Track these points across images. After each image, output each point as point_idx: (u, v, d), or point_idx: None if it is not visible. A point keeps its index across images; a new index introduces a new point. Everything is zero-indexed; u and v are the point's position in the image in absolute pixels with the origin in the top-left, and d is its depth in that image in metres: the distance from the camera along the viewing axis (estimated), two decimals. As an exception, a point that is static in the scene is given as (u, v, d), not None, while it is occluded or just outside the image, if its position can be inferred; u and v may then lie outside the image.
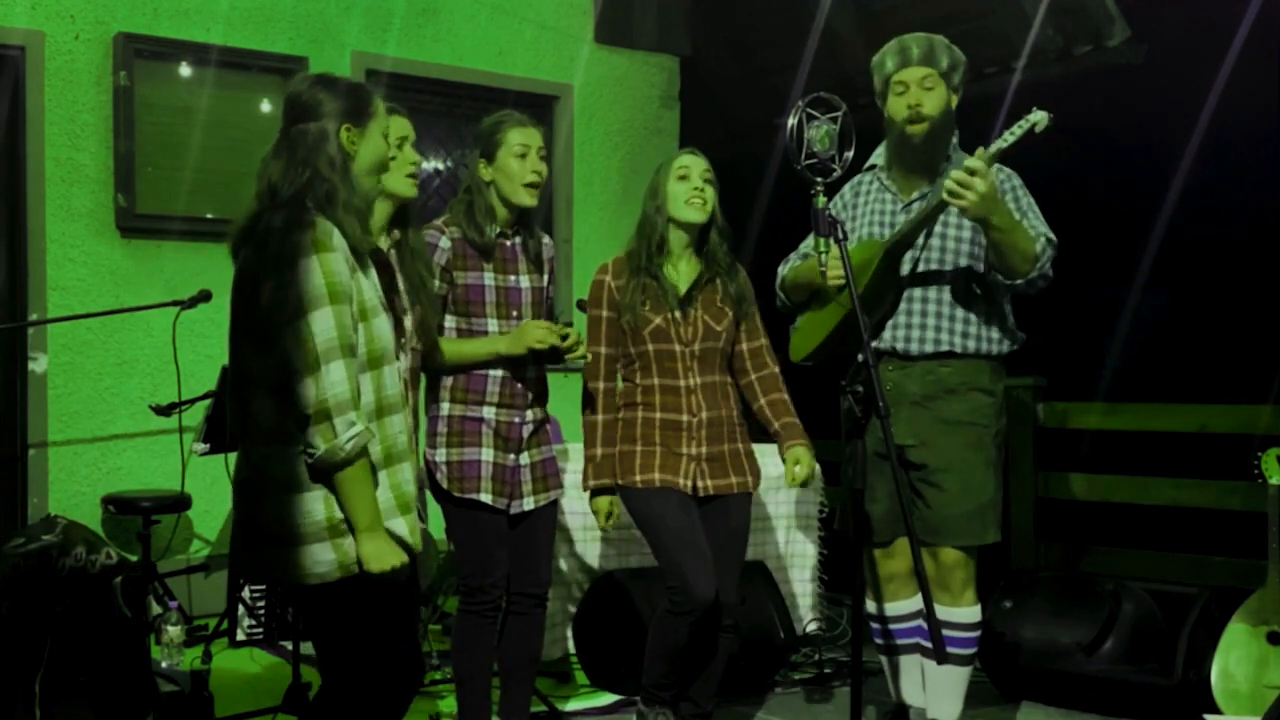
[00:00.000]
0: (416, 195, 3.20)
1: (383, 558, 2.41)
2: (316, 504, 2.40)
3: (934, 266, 3.48)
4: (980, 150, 3.23)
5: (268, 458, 2.43)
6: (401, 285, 3.08)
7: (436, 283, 3.32)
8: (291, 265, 2.36)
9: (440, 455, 3.34)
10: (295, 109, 2.53)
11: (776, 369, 3.57)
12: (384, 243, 3.12)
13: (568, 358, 3.34)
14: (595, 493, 3.46)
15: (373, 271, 2.58)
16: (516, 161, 3.34)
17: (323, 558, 2.40)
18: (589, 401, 3.47)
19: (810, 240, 3.69)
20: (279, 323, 2.37)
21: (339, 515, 2.41)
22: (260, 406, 2.44)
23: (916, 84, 3.44)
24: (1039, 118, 3.19)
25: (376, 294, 2.55)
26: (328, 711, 2.57)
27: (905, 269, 3.48)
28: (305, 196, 2.44)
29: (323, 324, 2.36)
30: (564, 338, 3.30)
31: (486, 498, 3.32)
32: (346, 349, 2.39)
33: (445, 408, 3.35)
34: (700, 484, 3.41)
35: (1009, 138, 3.20)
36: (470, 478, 3.31)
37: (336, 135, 2.50)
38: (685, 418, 3.41)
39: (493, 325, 3.36)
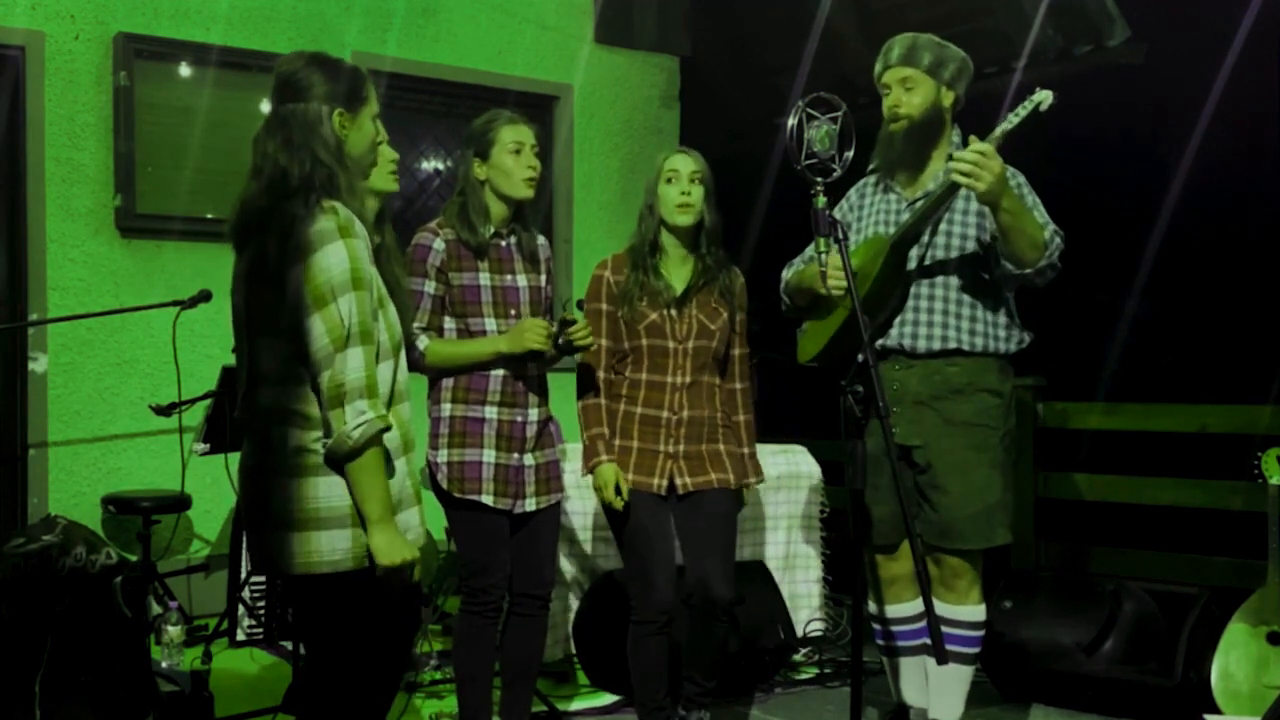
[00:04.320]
0: (397, 189, 3.22)
1: (393, 551, 2.38)
2: (339, 488, 2.38)
3: (940, 262, 3.48)
4: (974, 139, 3.24)
5: (285, 442, 2.40)
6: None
7: (433, 284, 3.33)
8: (318, 251, 2.35)
9: (441, 456, 3.33)
10: (287, 88, 2.49)
11: (749, 384, 3.63)
12: None
13: (576, 342, 3.32)
14: (597, 466, 3.44)
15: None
16: (511, 158, 3.35)
17: (339, 545, 2.38)
18: (588, 386, 3.48)
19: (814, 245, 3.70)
20: (305, 309, 2.35)
21: None
22: (276, 392, 2.42)
23: (897, 84, 3.49)
24: (1043, 96, 3.23)
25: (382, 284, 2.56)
26: (317, 706, 2.56)
27: (911, 265, 3.49)
28: (312, 181, 2.42)
29: (346, 309, 2.34)
30: (571, 324, 3.29)
31: (488, 499, 3.32)
32: (367, 335, 2.38)
33: (446, 408, 3.35)
34: (679, 481, 3.44)
35: (1014, 119, 3.24)
36: (471, 479, 3.31)
37: (329, 119, 2.47)
38: (665, 414, 3.43)
39: (490, 325, 3.35)
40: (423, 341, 3.30)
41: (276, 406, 2.42)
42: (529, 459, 3.38)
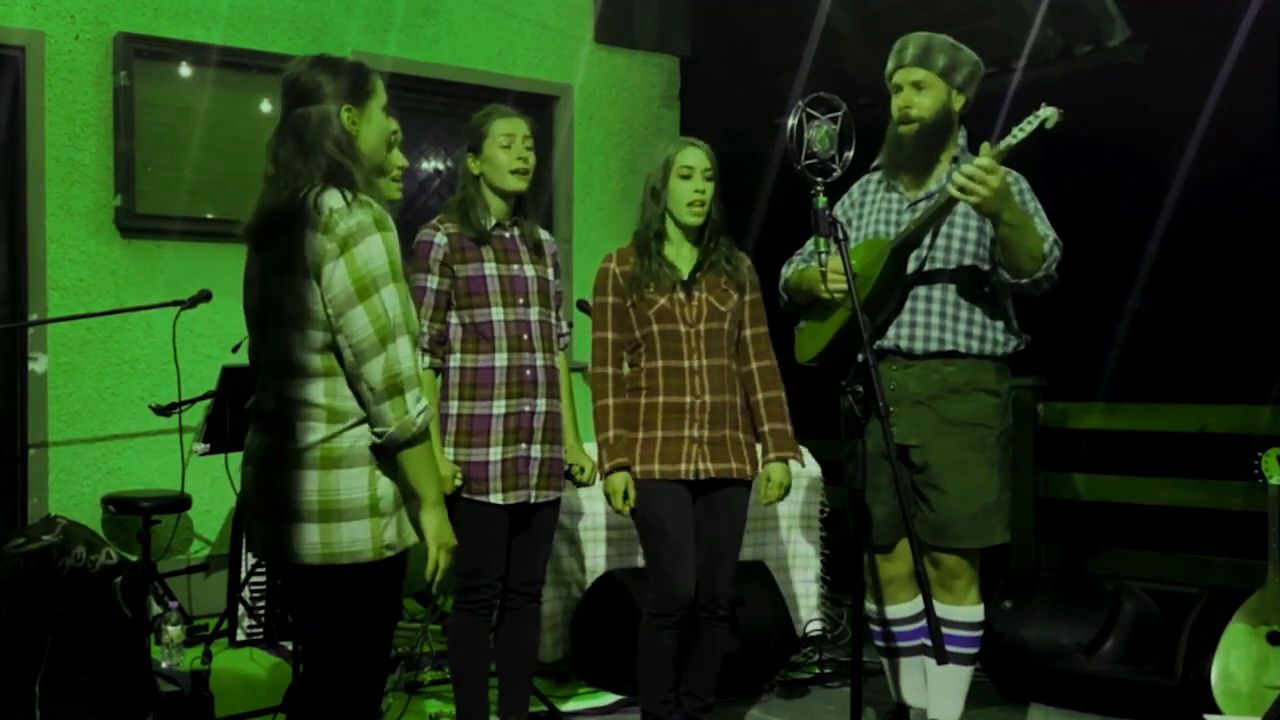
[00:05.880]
0: (399, 197, 3.22)
1: (444, 533, 2.50)
2: (360, 479, 2.43)
3: (939, 266, 3.48)
4: (986, 146, 3.24)
5: (306, 433, 2.43)
6: None
7: (436, 279, 3.34)
8: (359, 244, 2.39)
9: (448, 455, 3.34)
10: (295, 92, 2.54)
11: (774, 361, 3.58)
12: None
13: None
14: (611, 472, 3.44)
15: None
16: (502, 151, 3.38)
17: (359, 535, 2.43)
18: (599, 387, 3.47)
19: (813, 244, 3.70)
20: (346, 301, 2.39)
21: (380, 494, 2.45)
22: (301, 386, 2.45)
23: (909, 85, 3.47)
24: (1048, 114, 3.19)
25: None
26: (323, 701, 2.57)
27: (911, 268, 3.49)
28: (332, 179, 2.45)
29: (391, 301, 2.40)
30: (578, 470, 3.50)
31: (497, 499, 3.32)
32: (408, 326, 2.43)
33: (454, 405, 3.35)
34: (701, 467, 3.42)
35: (1019, 134, 3.20)
36: (479, 479, 3.32)
37: (338, 117, 2.51)
38: (689, 399, 3.41)
39: (498, 314, 3.35)
40: (425, 362, 3.30)
41: (298, 399, 2.45)
42: (535, 450, 3.38)
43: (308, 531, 2.43)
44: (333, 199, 2.42)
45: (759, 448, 3.54)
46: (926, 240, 3.47)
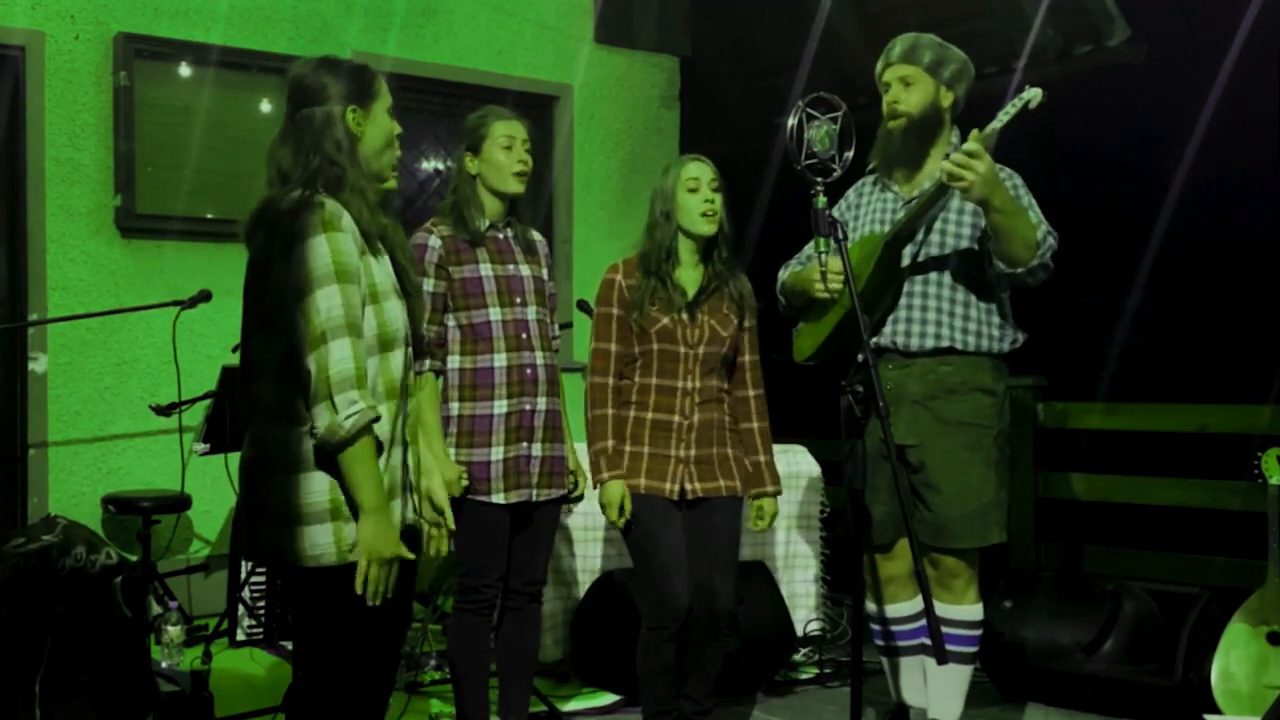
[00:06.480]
0: (395, 186, 3.21)
1: (379, 543, 2.37)
2: (320, 484, 2.40)
3: (934, 261, 3.48)
4: (975, 132, 3.25)
5: (272, 437, 2.43)
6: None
7: (433, 280, 3.33)
8: (299, 245, 2.37)
9: (450, 455, 3.33)
10: (299, 94, 2.54)
11: (763, 390, 3.57)
12: None
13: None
14: (607, 482, 3.41)
15: (385, 256, 2.57)
16: (503, 153, 3.38)
17: (320, 540, 2.40)
18: (596, 397, 3.46)
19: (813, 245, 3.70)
20: (286, 302, 2.37)
21: (342, 498, 2.40)
22: (265, 387, 2.45)
23: (897, 82, 3.50)
24: (1032, 94, 3.25)
25: (390, 279, 2.55)
26: (306, 706, 2.56)
27: (905, 263, 3.49)
28: (315, 180, 2.46)
29: (328, 302, 2.36)
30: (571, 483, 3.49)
31: (499, 498, 3.32)
32: (353, 328, 2.38)
33: (455, 407, 3.35)
34: (689, 486, 3.41)
35: (1004, 117, 3.25)
36: (481, 479, 3.32)
37: (342, 118, 2.52)
38: (677, 419, 3.41)
39: (495, 314, 3.35)
40: (425, 365, 3.28)
41: (267, 401, 2.45)
42: (536, 449, 3.38)
43: (277, 534, 2.42)
44: (289, 199, 2.42)
45: (748, 465, 3.52)
46: (920, 235, 3.47)
